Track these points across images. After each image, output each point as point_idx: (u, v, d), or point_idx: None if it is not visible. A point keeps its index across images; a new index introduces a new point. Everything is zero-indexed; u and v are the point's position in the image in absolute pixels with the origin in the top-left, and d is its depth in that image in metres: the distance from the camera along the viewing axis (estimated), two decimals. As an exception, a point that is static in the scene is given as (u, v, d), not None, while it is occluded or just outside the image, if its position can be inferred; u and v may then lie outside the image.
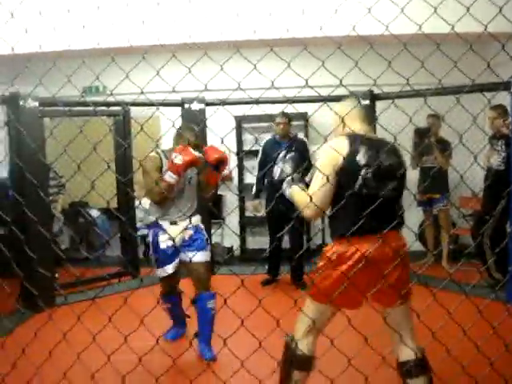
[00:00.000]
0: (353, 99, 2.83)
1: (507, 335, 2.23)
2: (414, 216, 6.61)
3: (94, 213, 7.21)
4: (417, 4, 2.38)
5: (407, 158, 5.60)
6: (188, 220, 3.76)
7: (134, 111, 5.94)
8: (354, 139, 2.51)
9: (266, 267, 5.91)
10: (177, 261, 3.84)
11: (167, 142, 5.96)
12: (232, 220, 7.25)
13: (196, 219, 3.92)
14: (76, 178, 2.80)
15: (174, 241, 3.72)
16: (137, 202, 6.70)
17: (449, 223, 6.41)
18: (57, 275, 5.33)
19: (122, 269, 6.14)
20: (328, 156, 2.47)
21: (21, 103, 4.89)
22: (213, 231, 6.59)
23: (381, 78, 2.43)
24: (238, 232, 7.26)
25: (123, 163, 5.94)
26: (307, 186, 2.67)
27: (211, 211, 5.95)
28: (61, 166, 6.10)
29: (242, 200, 7.17)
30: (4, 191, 5.42)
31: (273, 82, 1.76)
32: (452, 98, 2.15)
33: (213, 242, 6.29)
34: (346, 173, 2.45)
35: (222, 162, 3.63)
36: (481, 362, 2.19)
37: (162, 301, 4.00)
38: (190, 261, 3.66)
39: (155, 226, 3.86)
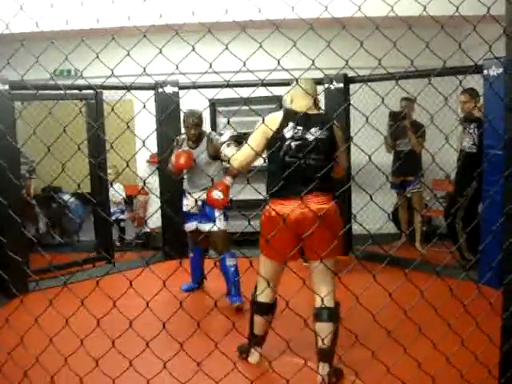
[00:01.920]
0: (304, 80, 3.19)
1: (478, 313, 2.27)
2: (387, 198, 6.67)
3: (67, 197, 7.11)
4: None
5: (380, 141, 5.65)
6: (200, 194, 4.48)
7: (109, 96, 5.82)
8: (288, 115, 3.06)
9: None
10: (194, 223, 4.68)
11: (140, 126, 5.86)
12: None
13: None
14: (49, 163, 2.78)
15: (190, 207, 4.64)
16: (110, 187, 6.63)
17: (422, 205, 6.48)
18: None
19: (96, 254, 6.09)
20: (261, 127, 3.04)
21: (-11, 86, 4.78)
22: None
23: (357, 62, 2.42)
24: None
25: (96, 147, 5.88)
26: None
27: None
28: (34, 151, 6.02)
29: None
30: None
31: (245, 63, 1.74)
32: (427, 82, 2.16)
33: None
34: (274, 142, 2.97)
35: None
36: (452, 339, 2.24)
37: (189, 250, 5.02)
38: (209, 231, 4.45)
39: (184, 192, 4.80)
